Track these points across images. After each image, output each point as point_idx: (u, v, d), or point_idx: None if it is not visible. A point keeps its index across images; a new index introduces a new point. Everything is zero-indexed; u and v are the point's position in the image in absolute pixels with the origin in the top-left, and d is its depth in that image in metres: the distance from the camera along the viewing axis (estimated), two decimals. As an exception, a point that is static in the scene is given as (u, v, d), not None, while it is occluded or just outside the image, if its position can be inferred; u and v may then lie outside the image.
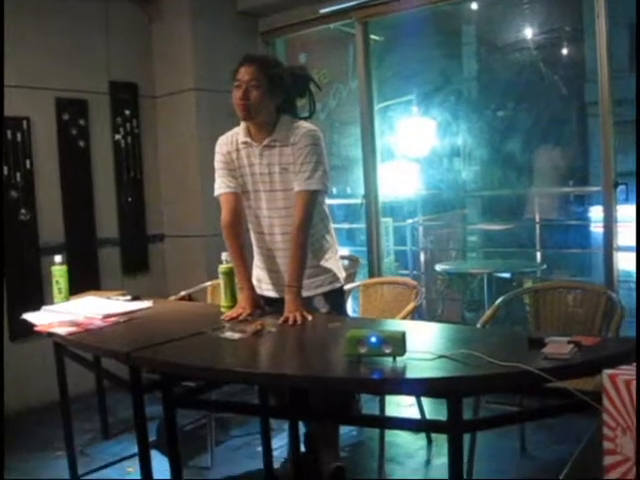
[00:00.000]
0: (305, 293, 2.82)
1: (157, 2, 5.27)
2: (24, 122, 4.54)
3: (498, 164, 9.37)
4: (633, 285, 6.20)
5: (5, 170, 4.44)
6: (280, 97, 2.80)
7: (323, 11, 5.06)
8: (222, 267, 2.98)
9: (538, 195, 7.57)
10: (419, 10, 5.19)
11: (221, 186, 2.92)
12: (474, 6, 8.09)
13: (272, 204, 2.87)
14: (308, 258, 2.82)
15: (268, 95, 2.75)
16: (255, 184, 2.88)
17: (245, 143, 2.87)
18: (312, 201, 2.79)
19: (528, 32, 10.14)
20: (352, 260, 4.58)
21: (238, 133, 2.90)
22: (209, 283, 4.05)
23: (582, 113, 10.52)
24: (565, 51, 10.61)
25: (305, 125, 2.85)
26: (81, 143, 4.90)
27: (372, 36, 5.26)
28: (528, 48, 10.19)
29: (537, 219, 7.01)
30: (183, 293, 3.99)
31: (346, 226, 7.15)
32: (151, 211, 5.35)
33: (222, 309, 2.97)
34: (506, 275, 6.59)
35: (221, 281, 3.00)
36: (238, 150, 2.89)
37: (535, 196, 7.55)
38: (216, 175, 2.94)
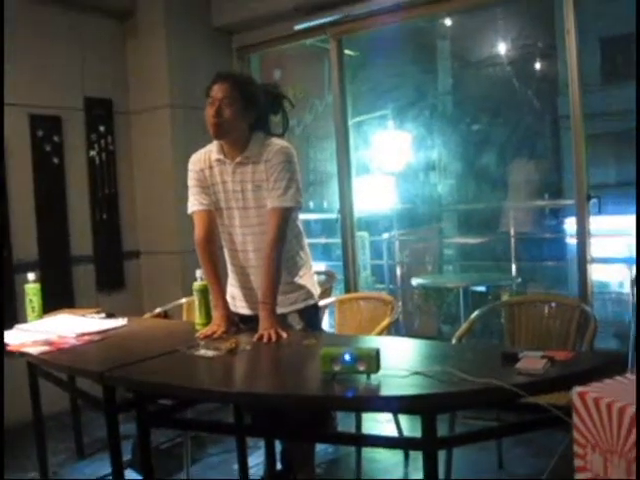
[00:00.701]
0: (279, 310, 2.81)
1: (132, 18, 5.27)
2: (-4, 139, 4.51)
3: (473, 178, 9.44)
4: (607, 297, 6.27)
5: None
6: (253, 114, 2.80)
7: (297, 28, 5.09)
8: (196, 284, 2.97)
9: (513, 208, 7.65)
10: (394, 26, 5.24)
11: (194, 204, 2.91)
12: (448, 22, 8.16)
13: (245, 221, 2.86)
14: (282, 275, 2.81)
15: (241, 113, 2.75)
16: (228, 201, 2.87)
17: (218, 160, 2.86)
18: (285, 218, 2.79)
19: (502, 47, 10.26)
20: (328, 275, 4.57)
21: (211, 151, 2.90)
22: (184, 300, 4.03)
23: (555, 127, 10.65)
24: (538, 66, 10.74)
25: (278, 142, 2.84)
26: (55, 160, 4.87)
27: (347, 51, 5.30)
28: (502, 63, 10.31)
29: (512, 232, 7.06)
30: (158, 310, 3.96)
31: (322, 241, 7.15)
32: (126, 228, 5.32)
33: (197, 327, 2.95)
34: (482, 288, 6.64)
35: (195, 299, 2.98)
36: (211, 167, 2.89)
37: (510, 209, 7.62)
38: (189, 193, 2.93)
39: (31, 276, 3.42)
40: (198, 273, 2.97)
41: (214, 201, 2.90)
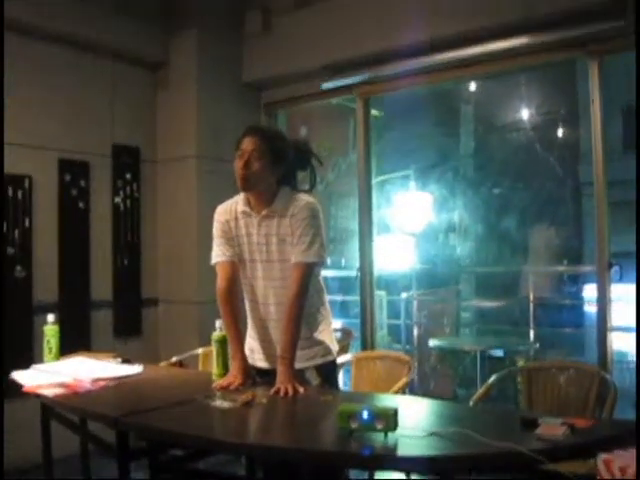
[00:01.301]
0: (297, 365, 2.78)
1: (164, 69, 5.40)
2: (26, 180, 4.59)
3: (493, 241, 9.45)
4: (625, 366, 6.17)
5: (4, 227, 4.47)
6: (281, 169, 2.83)
7: (325, 86, 5.18)
8: (215, 335, 2.97)
9: (532, 273, 7.60)
10: (419, 89, 5.33)
11: (218, 254, 2.92)
12: (472, 87, 8.28)
13: (268, 274, 2.86)
14: (302, 330, 2.79)
15: (269, 167, 2.78)
16: (252, 253, 2.88)
17: (244, 212, 2.88)
18: (308, 273, 2.79)
19: (525, 113, 10.37)
20: (345, 332, 4.56)
21: (237, 202, 2.92)
22: (201, 350, 4.03)
23: (576, 193, 10.67)
24: (560, 133, 10.83)
25: (304, 197, 2.86)
26: (81, 204, 4.95)
27: (373, 111, 5.36)
28: (524, 129, 10.41)
29: (531, 297, 7.01)
30: (174, 359, 3.96)
31: (340, 298, 7.13)
32: (146, 275, 5.35)
33: (213, 377, 2.94)
34: (499, 353, 6.57)
35: (214, 349, 2.98)
36: (237, 219, 2.91)
37: (529, 274, 7.58)
38: (214, 243, 2.95)
39: (50, 317, 3.44)
40: (218, 323, 2.97)
41: (238, 253, 2.91)
